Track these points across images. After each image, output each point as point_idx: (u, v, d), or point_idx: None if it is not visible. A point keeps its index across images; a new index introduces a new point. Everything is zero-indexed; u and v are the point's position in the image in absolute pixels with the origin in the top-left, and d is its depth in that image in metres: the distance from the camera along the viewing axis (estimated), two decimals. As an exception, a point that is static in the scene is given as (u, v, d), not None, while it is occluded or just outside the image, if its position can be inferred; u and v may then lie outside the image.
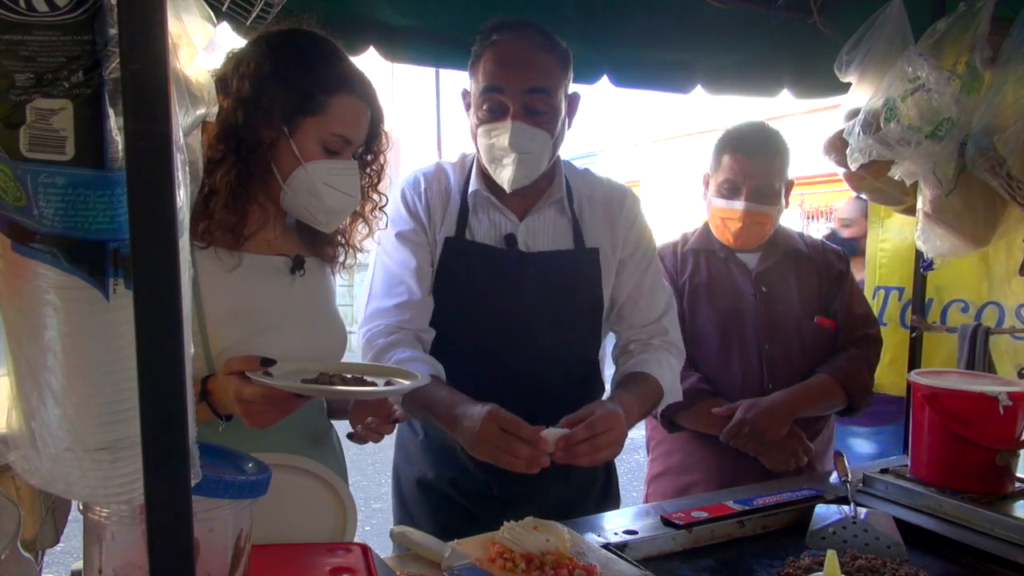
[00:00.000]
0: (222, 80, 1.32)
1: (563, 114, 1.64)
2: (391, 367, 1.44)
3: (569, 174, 1.76)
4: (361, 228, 1.54)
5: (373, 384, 1.27)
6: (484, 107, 1.60)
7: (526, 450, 1.35)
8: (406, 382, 1.28)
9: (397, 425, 1.68)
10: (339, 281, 1.61)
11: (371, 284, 1.70)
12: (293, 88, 1.32)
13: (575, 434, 1.38)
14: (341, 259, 1.54)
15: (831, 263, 2.12)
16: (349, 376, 1.29)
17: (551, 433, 1.39)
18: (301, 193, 1.34)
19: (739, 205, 1.98)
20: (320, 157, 1.33)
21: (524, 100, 1.56)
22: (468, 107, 1.67)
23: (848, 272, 2.14)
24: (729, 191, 2.00)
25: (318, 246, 1.50)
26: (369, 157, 1.47)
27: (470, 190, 1.70)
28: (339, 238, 1.51)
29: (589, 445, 1.39)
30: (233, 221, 1.33)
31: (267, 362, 1.19)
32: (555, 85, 1.59)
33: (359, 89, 1.37)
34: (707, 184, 2.10)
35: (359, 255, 1.58)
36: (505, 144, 1.57)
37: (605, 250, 1.72)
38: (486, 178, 1.69)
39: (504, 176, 1.62)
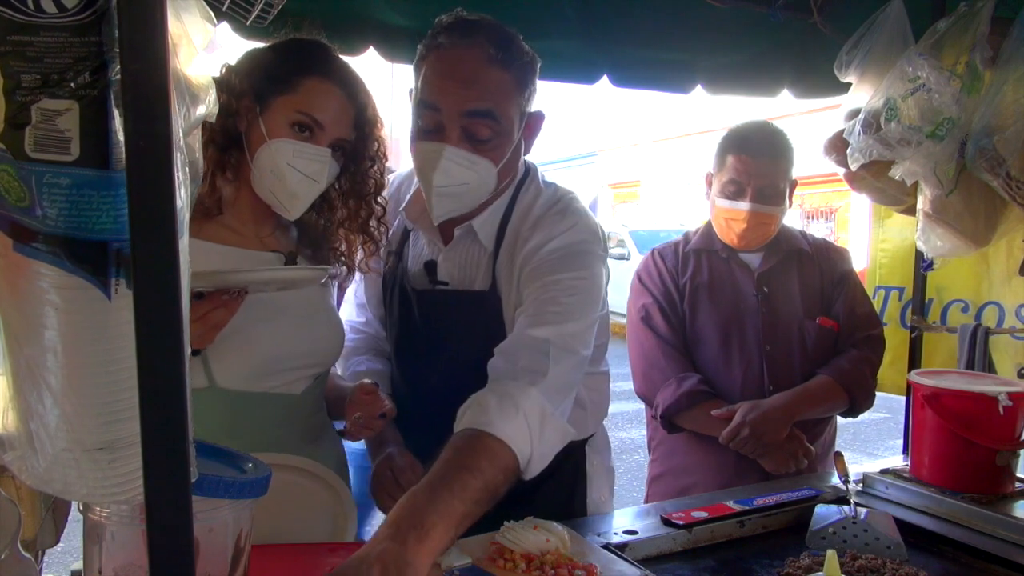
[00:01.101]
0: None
1: (517, 137, 1.43)
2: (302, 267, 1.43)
3: (523, 198, 1.51)
4: (368, 246, 1.53)
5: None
6: (419, 122, 1.38)
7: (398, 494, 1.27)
8: (306, 272, 1.33)
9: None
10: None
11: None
12: (268, 68, 1.34)
13: None
14: (340, 278, 1.54)
15: (834, 263, 2.12)
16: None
17: None
18: (266, 172, 1.34)
19: (744, 206, 1.98)
20: (288, 137, 1.33)
21: (462, 123, 1.35)
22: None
23: (851, 272, 2.14)
24: (734, 192, 1.99)
25: (317, 260, 1.50)
26: (367, 164, 1.46)
27: (400, 206, 1.59)
28: (341, 256, 1.51)
29: None
30: (202, 192, 1.33)
31: None
32: (506, 107, 1.37)
33: (337, 78, 1.36)
34: (709, 184, 2.10)
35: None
36: (434, 171, 1.36)
37: (506, 296, 1.47)
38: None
39: (431, 205, 1.42)
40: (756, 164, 1.97)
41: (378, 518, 1.91)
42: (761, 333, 2.01)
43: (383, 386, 1.57)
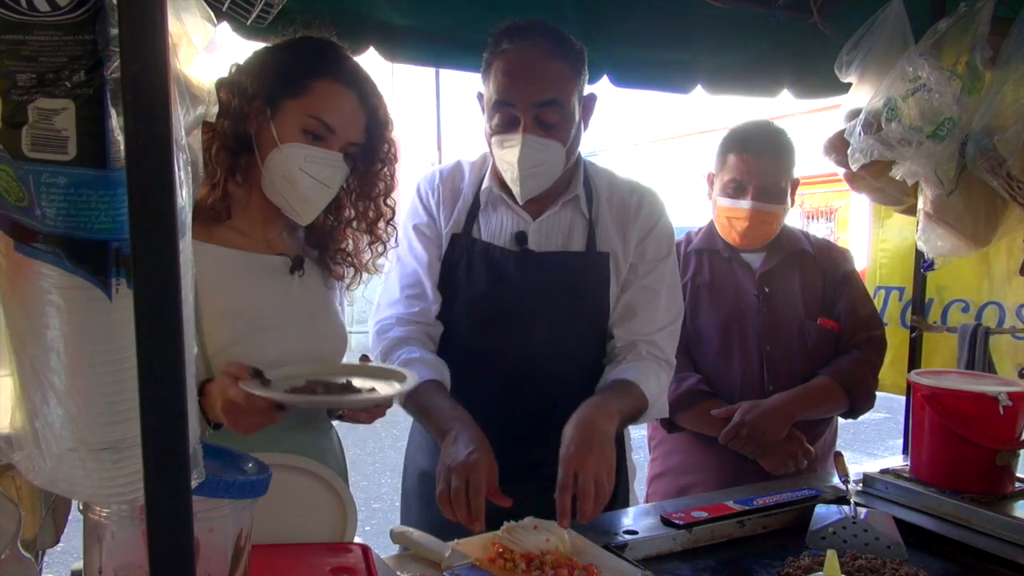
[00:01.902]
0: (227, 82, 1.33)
1: (578, 119, 1.62)
2: (381, 367, 1.41)
3: (591, 175, 1.74)
4: (376, 247, 1.52)
5: (359, 391, 1.25)
6: (496, 119, 1.58)
7: (463, 514, 1.32)
8: (394, 387, 1.27)
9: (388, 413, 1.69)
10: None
11: (387, 275, 1.70)
12: (278, 70, 1.32)
13: (563, 503, 1.32)
14: (347, 281, 1.54)
15: (836, 263, 2.11)
16: (338, 382, 1.26)
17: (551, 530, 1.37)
18: (277, 178, 1.33)
19: (745, 204, 1.97)
20: (299, 141, 1.32)
21: (535, 113, 1.54)
22: (484, 110, 1.65)
23: (854, 272, 2.14)
24: (735, 190, 1.99)
25: (324, 260, 1.49)
26: (378, 165, 1.45)
27: (483, 187, 1.70)
28: (347, 257, 1.50)
29: (589, 501, 1.32)
30: (214, 198, 1.32)
31: (256, 373, 1.17)
32: (567, 93, 1.57)
33: (349, 80, 1.35)
34: (711, 183, 2.10)
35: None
36: (516, 157, 1.55)
37: (617, 256, 1.69)
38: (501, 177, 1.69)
39: (516, 187, 1.61)
40: (757, 162, 1.97)
41: (378, 518, 1.91)
42: (761, 333, 2.01)
43: (440, 373, 1.58)
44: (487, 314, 1.66)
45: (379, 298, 1.71)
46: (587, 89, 1.67)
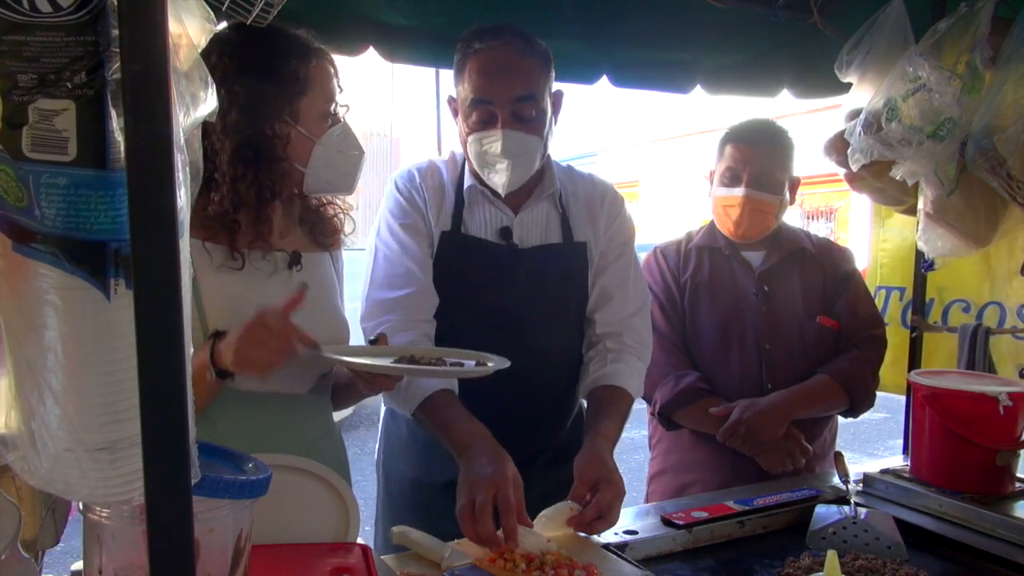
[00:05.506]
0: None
1: (550, 114, 1.66)
2: (435, 349, 1.50)
3: (555, 169, 1.79)
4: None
5: (457, 365, 1.35)
6: (473, 117, 1.61)
7: (486, 531, 1.30)
8: (488, 365, 1.38)
9: (381, 421, 1.76)
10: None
11: (371, 275, 1.66)
12: (284, 77, 1.35)
13: (587, 516, 1.41)
14: (344, 230, 1.56)
15: (837, 262, 2.12)
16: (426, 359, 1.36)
17: (558, 511, 1.44)
18: (321, 169, 1.39)
19: (739, 192, 1.98)
20: (324, 130, 1.38)
21: (512, 108, 1.58)
22: (456, 113, 1.69)
23: (855, 272, 2.14)
24: (730, 179, 2.01)
25: (321, 235, 1.50)
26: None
27: (465, 185, 1.71)
28: (334, 210, 1.54)
29: (603, 522, 1.41)
30: (262, 229, 1.37)
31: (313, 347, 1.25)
32: (540, 89, 1.62)
33: (320, 50, 1.42)
34: (711, 180, 2.11)
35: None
36: (498, 152, 1.59)
37: (590, 244, 1.75)
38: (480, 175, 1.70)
39: (498, 181, 1.64)
40: (752, 151, 1.99)
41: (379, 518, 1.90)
42: (760, 332, 2.01)
43: (451, 381, 1.60)
44: (480, 309, 1.68)
45: (369, 297, 1.65)
46: (556, 86, 1.71)
